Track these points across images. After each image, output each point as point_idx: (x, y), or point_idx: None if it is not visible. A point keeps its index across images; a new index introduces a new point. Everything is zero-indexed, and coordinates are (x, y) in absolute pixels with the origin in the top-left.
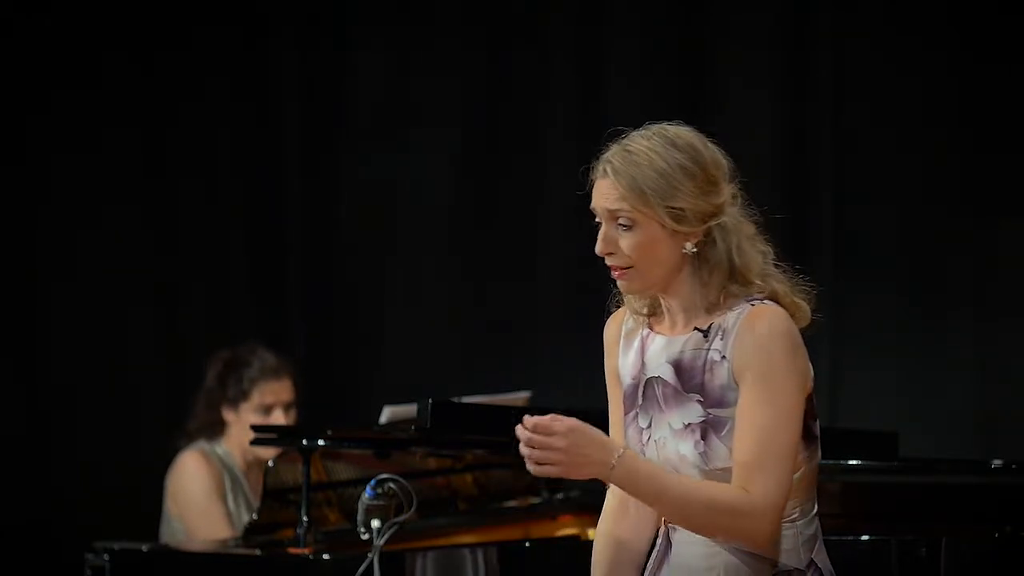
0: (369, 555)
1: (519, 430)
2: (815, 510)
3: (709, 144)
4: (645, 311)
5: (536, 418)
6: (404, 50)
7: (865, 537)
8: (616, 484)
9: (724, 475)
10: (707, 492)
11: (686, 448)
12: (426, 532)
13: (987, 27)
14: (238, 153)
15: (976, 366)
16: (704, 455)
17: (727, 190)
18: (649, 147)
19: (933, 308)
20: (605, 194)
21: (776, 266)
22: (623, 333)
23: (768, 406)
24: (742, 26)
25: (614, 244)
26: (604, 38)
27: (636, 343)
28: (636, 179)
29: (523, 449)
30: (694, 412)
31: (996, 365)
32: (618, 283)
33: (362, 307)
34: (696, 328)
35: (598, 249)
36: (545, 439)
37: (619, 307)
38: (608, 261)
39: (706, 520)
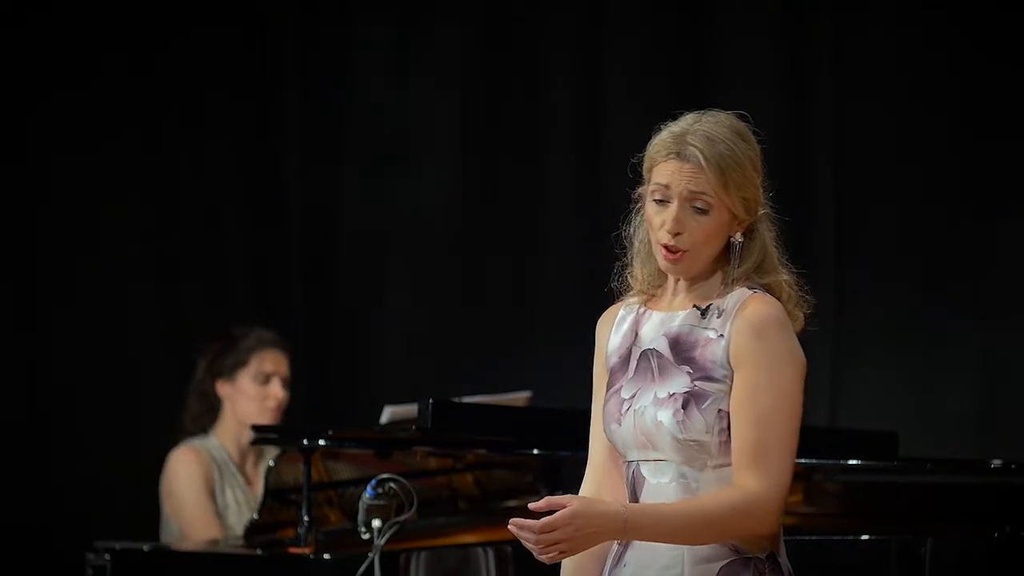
0: (370, 555)
1: (523, 534)
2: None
3: None
4: (650, 291)
5: (540, 522)
6: (405, 50)
7: (865, 537)
8: (632, 539)
9: (697, 447)
10: (705, 510)
11: (664, 416)
12: (426, 532)
13: (987, 26)
14: (238, 152)
15: (976, 366)
16: (682, 424)
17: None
18: (727, 137)
19: (933, 308)
20: (690, 177)
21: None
22: (615, 323)
23: (767, 392)
24: (742, 26)
25: (684, 225)
26: (603, 37)
27: (628, 323)
28: (723, 169)
29: (528, 546)
30: (681, 383)
31: (996, 365)
32: (669, 265)
33: (362, 306)
34: (695, 306)
35: (670, 228)
36: (551, 536)
37: (620, 283)
38: (673, 241)
39: (716, 534)
